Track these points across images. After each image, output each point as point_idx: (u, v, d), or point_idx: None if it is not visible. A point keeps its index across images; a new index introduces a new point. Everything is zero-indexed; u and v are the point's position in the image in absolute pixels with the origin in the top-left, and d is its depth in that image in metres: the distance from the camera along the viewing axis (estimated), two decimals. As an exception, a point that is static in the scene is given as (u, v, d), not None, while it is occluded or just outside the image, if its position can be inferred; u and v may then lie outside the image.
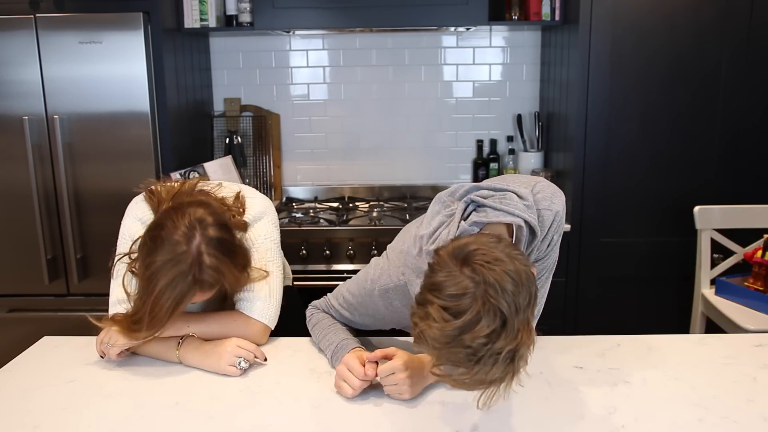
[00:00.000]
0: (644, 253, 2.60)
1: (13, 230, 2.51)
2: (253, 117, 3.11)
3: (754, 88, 2.45)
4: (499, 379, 0.98)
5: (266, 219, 1.54)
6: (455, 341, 0.95)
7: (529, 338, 0.98)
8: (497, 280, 0.96)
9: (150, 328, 1.33)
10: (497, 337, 0.95)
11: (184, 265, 1.29)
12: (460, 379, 0.99)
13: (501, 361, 0.96)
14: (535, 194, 1.30)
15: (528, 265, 1.02)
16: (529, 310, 0.99)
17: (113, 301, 1.49)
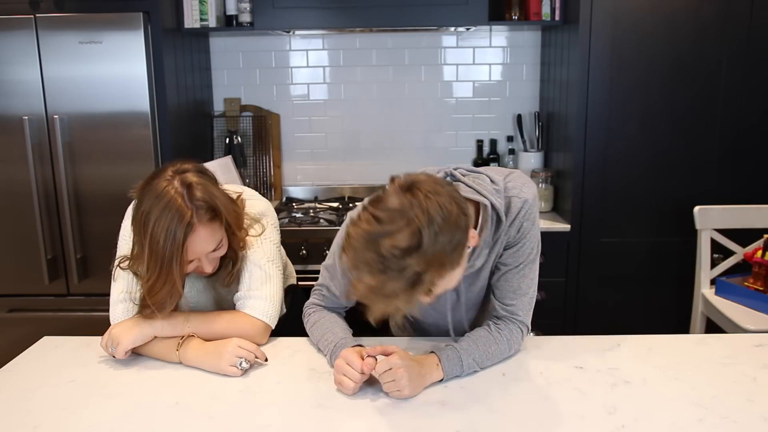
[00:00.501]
0: (644, 253, 2.60)
1: (13, 230, 2.51)
2: (253, 117, 3.11)
3: (754, 88, 2.45)
4: (398, 295, 1.04)
5: (266, 220, 1.55)
6: (372, 244, 1.03)
7: (437, 275, 1.06)
8: (429, 208, 1.04)
9: (165, 284, 1.34)
10: (408, 255, 1.02)
11: (171, 194, 1.32)
12: (366, 288, 1.05)
13: (405, 278, 1.03)
14: (507, 182, 1.35)
15: (467, 216, 1.10)
16: (448, 249, 1.05)
17: (114, 300, 1.49)
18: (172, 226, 1.31)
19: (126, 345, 1.40)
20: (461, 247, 1.11)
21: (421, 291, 1.07)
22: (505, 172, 1.38)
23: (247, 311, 1.49)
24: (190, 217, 1.33)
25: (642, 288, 2.64)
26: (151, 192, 1.34)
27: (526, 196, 1.34)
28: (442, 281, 1.11)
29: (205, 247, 1.38)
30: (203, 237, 1.36)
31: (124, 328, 1.42)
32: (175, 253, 1.32)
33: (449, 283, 1.17)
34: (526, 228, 1.35)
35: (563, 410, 1.22)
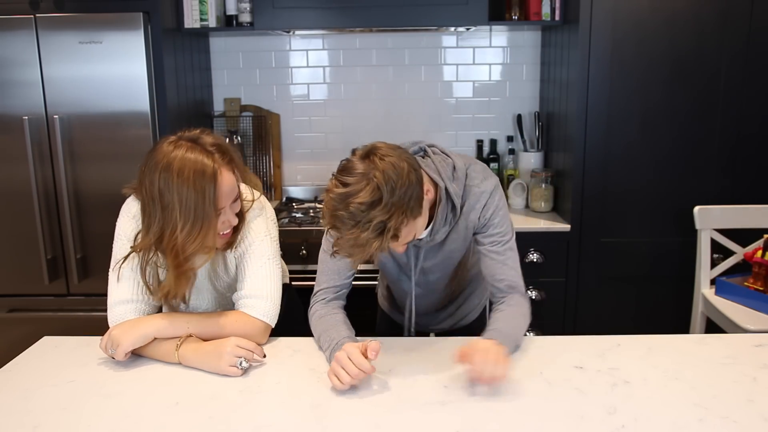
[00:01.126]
0: (644, 253, 2.60)
1: (13, 230, 2.51)
2: (253, 117, 3.11)
3: (754, 88, 2.45)
4: (371, 243, 1.25)
5: (265, 215, 1.55)
6: (341, 204, 1.24)
7: (400, 222, 1.26)
8: (384, 168, 1.25)
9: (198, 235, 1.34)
10: (372, 208, 1.23)
11: (182, 153, 1.33)
12: (345, 242, 1.26)
13: (372, 228, 1.23)
14: (468, 172, 1.51)
15: (417, 171, 1.31)
16: (405, 200, 1.26)
17: (112, 302, 1.49)
18: (198, 179, 1.32)
19: (126, 346, 1.40)
20: (417, 198, 1.31)
21: (389, 237, 1.26)
22: (470, 162, 1.54)
23: (247, 311, 1.48)
24: (212, 163, 1.35)
25: (642, 288, 2.64)
26: (159, 160, 1.34)
27: (485, 188, 1.50)
28: (405, 228, 1.30)
29: (230, 193, 1.39)
30: (228, 181, 1.38)
31: (123, 330, 1.41)
32: (208, 200, 1.33)
33: (413, 230, 1.35)
34: (489, 216, 1.51)
35: (563, 410, 1.22)
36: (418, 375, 1.36)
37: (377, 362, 1.42)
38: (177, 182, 1.32)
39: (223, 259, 1.55)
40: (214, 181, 1.33)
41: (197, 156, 1.34)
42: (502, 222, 1.52)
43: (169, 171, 1.33)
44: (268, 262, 1.52)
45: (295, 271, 2.63)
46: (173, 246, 1.36)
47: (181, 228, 1.34)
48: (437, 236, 1.52)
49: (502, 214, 1.53)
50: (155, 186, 1.34)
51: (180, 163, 1.33)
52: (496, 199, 1.51)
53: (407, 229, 1.32)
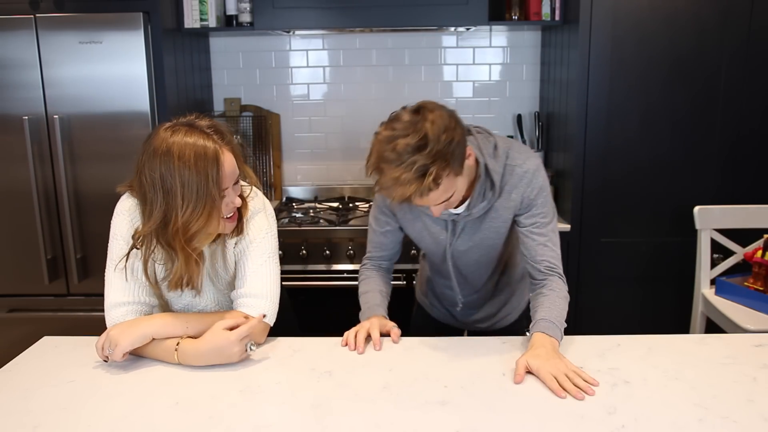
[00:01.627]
0: (644, 253, 2.60)
1: (13, 230, 2.51)
2: (253, 117, 3.11)
3: (754, 88, 2.45)
4: (411, 183, 1.30)
5: (265, 213, 1.55)
6: (389, 145, 1.32)
7: (441, 170, 1.31)
8: (433, 119, 1.32)
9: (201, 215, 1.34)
10: (417, 151, 1.30)
11: (179, 138, 1.34)
12: (388, 180, 1.32)
13: (415, 170, 1.30)
14: (509, 152, 1.53)
15: (463, 128, 1.38)
16: (449, 150, 1.32)
17: (110, 304, 1.48)
18: (200, 161, 1.32)
19: (125, 346, 1.39)
20: (461, 153, 1.36)
21: (429, 182, 1.30)
22: (512, 143, 1.56)
23: (246, 310, 1.48)
24: (213, 144, 1.35)
25: (642, 288, 2.64)
26: (157, 151, 1.34)
27: (528, 167, 1.52)
28: (445, 179, 1.34)
29: (232, 172, 1.39)
30: (230, 160, 1.38)
31: (122, 330, 1.41)
32: (212, 181, 1.33)
33: (452, 187, 1.39)
34: (534, 196, 1.53)
35: (563, 410, 1.22)
36: (418, 375, 1.36)
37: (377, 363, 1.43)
38: (178, 165, 1.32)
39: (223, 256, 1.54)
40: (216, 162, 1.34)
41: (197, 139, 1.34)
42: (545, 203, 1.54)
43: (169, 155, 1.32)
44: (267, 260, 1.52)
45: (295, 271, 2.63)
46: (177, 228, 1.35)
47: (184, 209, 1.33)
48: (474, 211, 1.54)
49: (545, 195, 1.55)
50: (156, 172, 1.33)
51: (180, 147, 1.33)
52: (540, 180, 1.53)
53: (447, 182, 1.35)
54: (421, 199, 1.36)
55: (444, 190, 1.37)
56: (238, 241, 1.51)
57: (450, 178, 1.36)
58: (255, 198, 1.54)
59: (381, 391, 1.30)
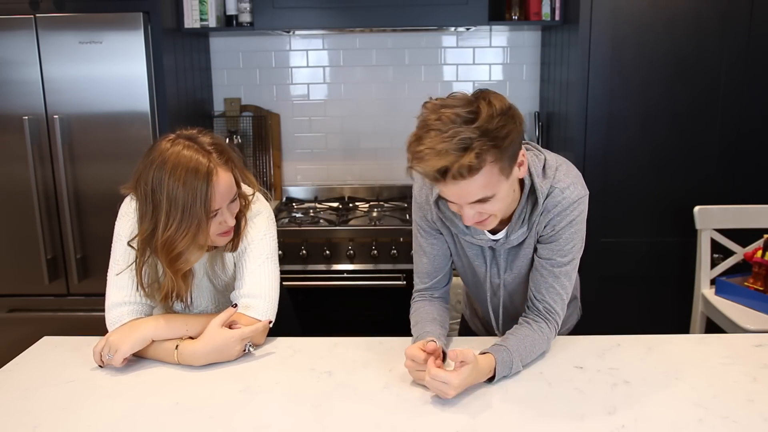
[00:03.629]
0: (644, 253, 2.60)
1: (13, 230, 2.51)
2: (253, 117, 3.11)
3: (754, 88, 2.45)
4: (448, 154, 1.17)
5: (265, 215, 1.55)
6: (435, 114, 1.21)
7: (486, 149, 1.18)
8: (491, 100, 1.23)
9: (186, 234, 1.32)
10: (463, 123, 1.18)
11: (178, 150, 1.32)
12: (426, 148, 1.18)
13: (455, 141, 1.17)
14: (558, 172, 1.39)
15: (521, 121, 1.27)
16: (500, 133, 1.19)
17: (110, 304, 1.48)
18: (190, 177, 1.30)
19: (125, 351, 1.39)
20: (513, 148, 1.23)
21: (469, 159, 1.16)
22: (563, 162, 1.42)
23: (245, 311, 1.48)
24: (208, 164, 1.32)
25: (642, 288, 2.63)
26: (155, 158, 1.33)
27: (568, 194, 1.37)
28: (487, 168, 1.20)
29: (226, 194, 1.37)
30: (224, 181, 1.36)
31: (121, 335, 1.41)
32: (199, 201, 1.31)
33: (496, 185, 1.24)
34: (561, 227, 1.38)
35: (563, 410, 1.22)
36: (418, 375, 1.36)
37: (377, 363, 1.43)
38: (168, 180, 1.31)
39: (222, 258, 1.55)
40: (207, 181, 1.32)
41: (192, 154, 1.32)
42: (570, 239, 1.39)
43: (162, 168, 1.32)
44: (266, 261, 1.52)
45: (295, 271, 2.63)
46: (162, 243, 1.34)
47: (168, 226, 1.32)
48: (512, 237, 1.41)
49: (573, 232, 1.38)
50: (149, 184, 1.33)
51: (174, 161, 1.31)
52: (575, 212, 1.37)
53: (489, 174, 1.20)
54: (454, 185, 1.20)
55: (483, 183, 1.21)
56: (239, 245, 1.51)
57: (494, 170, 1.21)
58: (257, 201, 1.55)
59: (381, 391, 1.30)
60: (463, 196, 1.25)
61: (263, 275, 1.51)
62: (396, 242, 2.61)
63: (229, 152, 1.41)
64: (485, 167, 1.19)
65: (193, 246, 1.37)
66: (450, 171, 1.17)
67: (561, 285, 1.43)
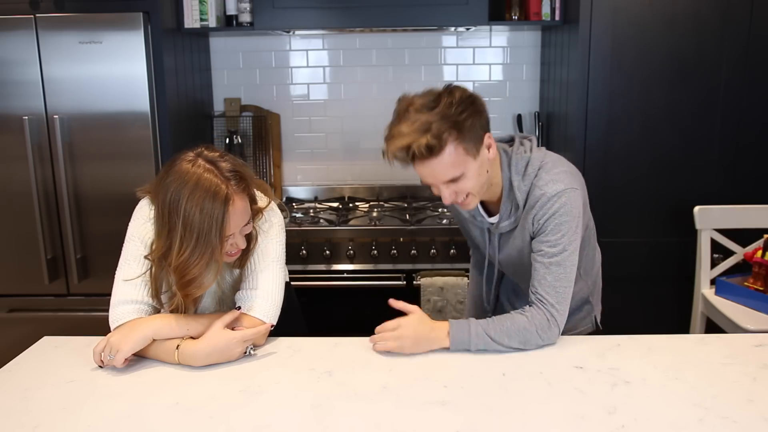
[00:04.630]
0: (644, 253, 2.60)
1: (13, 230, 2.51)
2: (253, 117, 3.11)
3: (754, 87, 2.45)
4: (410, 135, 1.35)
5: (276, 223, 1.56)
6: (405, 103, 1.43)
7: (447, 132, 1.34)
8: (453, 91, 1.40)
9: (201, 259, 1.34)
10: (426, 110, 1.36)
11: (199, 172, 1.33)
12: (390, 133, 1.41)
13: (417, 125, 1.35)
14: (541, 171, 1.48)
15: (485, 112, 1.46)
16: (461, 118, 1.36)
17: (115, 301, 1.48)
18: (208, 203, 1.32)
19: (126, 351, 1.39)
20: (474, 131, 1.39)
21: (429, 138, 1.33)
22: (549, 160, 1.50)
23: (248, 311, 1.48)
24: (226, 191, 1.34)
25: (642, 288, 2.63)
26: (175, 177, 1.34)
27: (547, 190, 1.45)
28: (453, 149, 1.35)
29: (240, 220, 1.39)
30: (240, 209, 1.38)
31: (122, 335, 1.41)
32: (215, 227, 1.32)
33: (463, 164, 1.38)
34: (543, 221, 1.46)
35: (563, 410, 1.22)
36: (418, 375, 1.36)
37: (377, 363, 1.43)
38: (186, 204, 1.32)
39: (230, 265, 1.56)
40: (224, 208, 1.33)
41: (212, 179, 1.33)
42: (555, 230, 1.45)
43: (181, 191, 1.33)
44: (271, 264, 1.52)
45: (295, 271, 2.63)
46: (176, 268, 1.37)
47: (182, 251, 1.34)
48: (501, 225, 1.55)
49: (558, 223, 1.45)
50: (166, 203, 1.34)
51: (193, 185, 1.32)
52: (555, 206, 1.44)
53: (454, 153, 1.35)
54: (422, 165, 1.36)
55: (450, 163, 1.36)
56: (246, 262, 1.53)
57: (458, 150, 1.36)
58: (271, 211, 1.56)
59: (381, 391, 1.30)
60: (435, 176, 1.40)
61: (267, 277, 1.51)
62: (396, 242, 2.61)
63: (247, 177, 1.42)
64: (447, 147, 1.34)
65: (205, 274, 1.40)
66: (411, 149, 1.34)
67: (553, 276, 1.46)
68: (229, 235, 1.38)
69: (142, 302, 1.48)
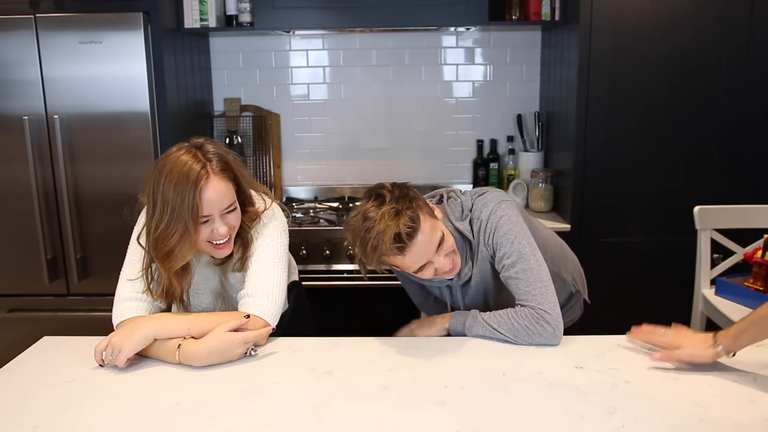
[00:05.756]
0: (644, 253, 2.60)
1: (13, 230, 2.51)
2: (253, 117, 3.11)
3: (754, 88, 2.45)
4: (390, 226, 1.36)
5: (278, 222, 1.57)
6: (353, 219, 1.44)
7: (411, 208, 1.38)
8: (381, 191, 1.43)
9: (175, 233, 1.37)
10: (380, 206, 1.39)
11: (181, 153, 1.39)
12: (366, 246, 1.38)
13: (386, 217, 1.36)
14: (474, 204, 1.57)
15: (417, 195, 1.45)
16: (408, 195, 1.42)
17: (119, 299, 1.50)
18: (182, 180, 1.35)
19: (128, 352, 1.39)
20: (422, 202, 1.45)
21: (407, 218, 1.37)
22: (477, 195, 1.59)
23: (248, 310, 1.48)
24: (202, 168, 1.37)
25: (642, 288, 2.63)
26: (160, 161, 1.41)
27: (482, 215, 1.54)
28: (423, 218, 1.40)
29: (219, 201, 1.40)
30: (217, 188, 1.39)
31: (124, 335, 1.41)
32: (187, 203, 1.35)
33: (437, 227, 1.44)
34: (491, 239, 1.53)
35: (563, 410, 1.22)
36: (418, 375, 1.36)
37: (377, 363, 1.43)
38: (163, 181, 1.37)
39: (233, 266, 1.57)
40: (195, 187, 1.36)
41: (189, 159, 1.38)
42: (505, 241, 1.52)
43: (161, 170, 1.38)
44: (272, 264, 1.52)
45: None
46: (153, 240, 1.41)
47: (159, 224, 1.38)
48: (463, 275, 1.58)
49: (504, 233, 1.52)
50: (150, 186, 1.40)
51: (171, 164, 1.38)
52: (493, 223, 1.53)
53: (427, 221, 1.40)
54: (414, 246, 1.38)
55: (430, 230, 1.40)
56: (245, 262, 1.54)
57: (426, 217, 1.41)
58: (273, 210, 1.58)
59: (381, 391, 1.30)
60: (427, 249, 1.42)
61: (268, 276, 1.51)
62: (396, 242, 2.61)
63: (233, 164, 1.45)
64: (421, 215, 1.40)
65: (181, 247, 1.41)
66: (401, 233, 1.36)
67: (525, 282, 1.50)
68: (205, 215, 1.40)
69: (144, 300, 1.50)
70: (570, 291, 1.80)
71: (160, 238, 1.39)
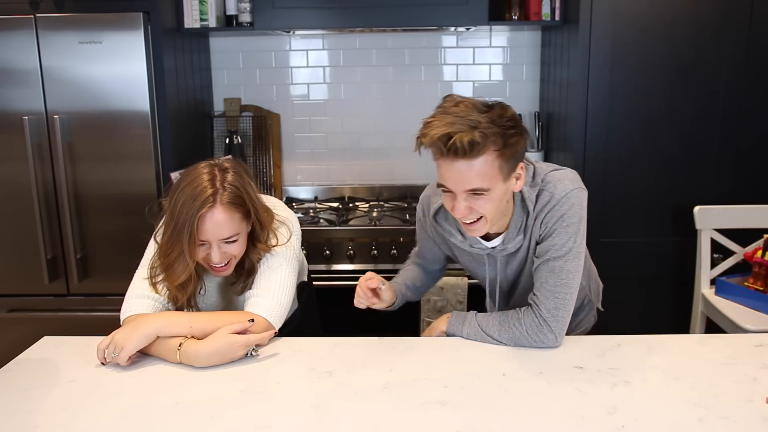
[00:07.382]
0: (644, 253, 2.60)
1: (13, 230, 2.51)
2: (253, 117, 3.11)
3: (754, 87, 2.45)
4: (455, 125, 1.28)
5: (290, 229, 1.58)
6: (452, 101, 1.34)
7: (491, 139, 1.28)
8: (505, 107, 1.32)
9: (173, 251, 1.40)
10: (476, 111, 1.28)
11: (203, 171, 1.42)
12: (432, 124, 1.31)
13: (465, 119, 1.27)
14: (547, 176, 1.45)
15: (526, 139, 1.35)
16: (507, 133, 1.29)
17: (129, 295, 1.51)
18: (189, 200, 1.38)
19: (130, 349, 1.39)
20: (516, 143, 1.31)
21: (474, 134, 1.26)
22: (553, 169, 1.48)
23: (251, 309, 1.48)
24: (212, 194, 1.39)
25: (642, 288, 2.63)
26: (187, 171, 1.44)
27: (554, 192, 1.42)
28: (490, 159, 1.29)
29: (218, 231, 1.41)
30: (218, 218, 1.40)
31: (126, 333, 1.41)
32: (187, 224, 1.37)
33: (492, 180, 1.31)
34: (549, 222, 1.43)
35: (563, 410, 1.22)
36: (418, 375, 1.37)
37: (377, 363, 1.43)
38: (178, 194, 1.41)
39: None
40: (198, 210, 1.38)
41: (205, 181, 1.40)
42: (563, 233, 1.42)
43: (181, 182, 1.42)
44: (281, 266, 1.53)
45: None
46: (160, 248, 1.46)
47: (164, 233, 1.43)
48: (510, 245, 1.48)
49: (566, 225, 1.42)
50: (172, 192, 1.44)
51: (191, 179, 1.41)
52: (564, 207, 1.41)
53: (488, 164, 1.29)
54: (454, 163, 1.28)
55: (481, 171, 1.28)
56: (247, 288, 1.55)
57: (494, 162, 1.29)
58: (281, 213, 1.61)
59: (381, 391, 1.30)
60: (461, 180, 1.31)
61: (275, 279, 1.51)
62: (396, 242, 2.61)
63: (250, 200, 1.45)
64: (486, 153, 1.28)
65: (178, 261, 1.43)
66: (453, 139, 1.26)
67: (555, 281, 1.44)
68: (202, 240, 1.41)
69: (153, 299, 1.50)
70: (586, 296, 1.76)
71: (164, 248, 1.44)
